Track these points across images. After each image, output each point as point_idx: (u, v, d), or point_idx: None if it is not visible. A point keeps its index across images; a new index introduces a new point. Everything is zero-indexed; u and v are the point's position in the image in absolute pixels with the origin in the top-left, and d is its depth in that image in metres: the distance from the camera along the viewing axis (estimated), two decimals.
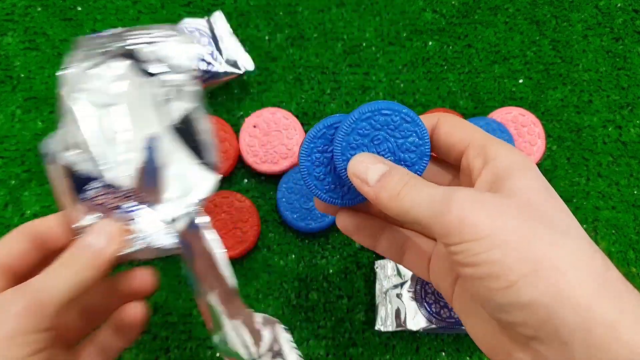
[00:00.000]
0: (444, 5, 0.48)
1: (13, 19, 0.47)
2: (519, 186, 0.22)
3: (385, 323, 0.40)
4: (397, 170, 0.24)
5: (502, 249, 0.19)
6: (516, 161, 0.23)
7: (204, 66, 0.44)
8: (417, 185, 0.23)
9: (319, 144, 0.26)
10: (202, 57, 0.44)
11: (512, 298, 0.19)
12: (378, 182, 0.24)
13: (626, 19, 0.48)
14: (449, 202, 0.21)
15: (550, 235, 0.20)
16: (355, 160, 0.25)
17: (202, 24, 0.45)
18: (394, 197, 0.23)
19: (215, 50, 0.44)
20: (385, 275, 0.41)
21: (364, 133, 0.25)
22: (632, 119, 0.46)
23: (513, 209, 0.21)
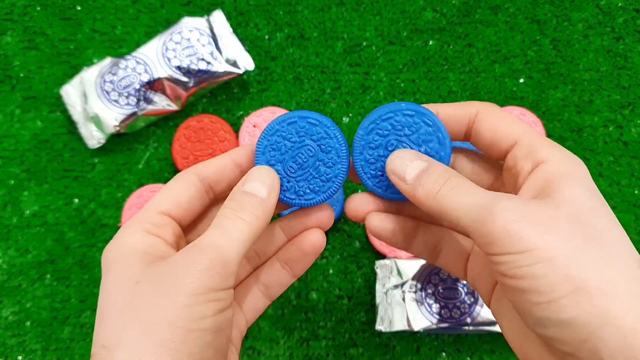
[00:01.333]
0: (445, 4, 0.48)
1: (12, 19, 0.47)
2: (569, 197, 0.20)
3: (386, 323, 0.40)
4: (437, 167, 0.23)
5: (548, 265, 0.19)
6: (568, 167, 0.21)
7: (203, 65, 0.44)
8: (458, 185, 0.22)
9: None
10: (201, 57, 0.44)
11: (552, 314, 0.19)
12: (416, 180, 0.23)
13: (627, 18, 0.48)
14: (494, 210, 0.20)
15: (598, 254, 0.19)
16: (394, 157, 0.24)
17: (202, 24, 0.45)
18: (432, 196, 0.22)
19: (215, 50, 0.44)
20: (385, 275, 0.41)
21: (383, 134, 0.25)
22: (633, 119, 0.46)
23: (562, 223, 0.20)
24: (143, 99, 0.44)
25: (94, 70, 0.44)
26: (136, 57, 0.44)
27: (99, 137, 0.44)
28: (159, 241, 0.23)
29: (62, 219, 0.45)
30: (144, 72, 0.43)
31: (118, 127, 0.43)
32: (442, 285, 0.40)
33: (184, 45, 0.44)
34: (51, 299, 0.44)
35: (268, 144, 0.25)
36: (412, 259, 0.41)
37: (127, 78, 0.43)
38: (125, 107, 0.43)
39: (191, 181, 0.25)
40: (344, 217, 0.45)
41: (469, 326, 0.39)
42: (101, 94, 0.43)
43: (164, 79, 0.43)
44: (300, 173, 0.26)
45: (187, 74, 0.44)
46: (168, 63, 0.43)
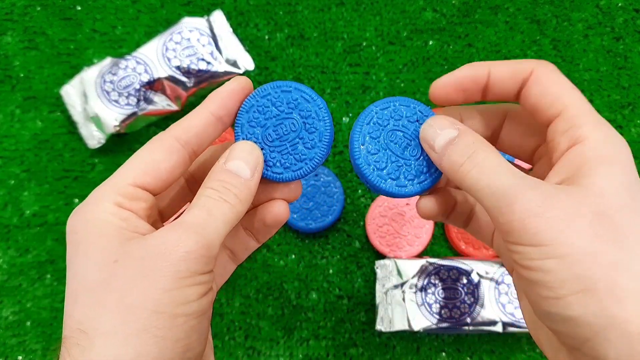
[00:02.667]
0: (445, 4, 0.48)
1: (12, 19, 0.47)
2: (599, 187, 0.19)
3: (386, 323, 0.40)
4: (466, 136, 0.22)
5: (560, 261, 0.19)
6: (607, 151, 0.20)
7: (203, 66, 0.44)
8: (484, 162, 0.21)
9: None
10: (202, 57, 0.44)
11: (558, 310, 0.19)
12: (444, 149, 0.22)
13: (627, 18, 0.48)
14: (515, 199, 0.19)
15: (617, 255, 0.18)
16: (427, 124, 0.23)
17: (202, 24, 0.45)
18: (455, 168, 0.21)
19: (215, 50, 0.44)
20: (385, 275, 0.41)
21: (383, 123, 0.24)
22: (633, 119, 0.46)
23: (584, 218, 0.19)
24: (143, 99, 0.44)
25: (94, 71, 0.44)
26: (136, 57, 0.44)
27: (99, 137, 0.44)
28: (131, 215, 0.22)
29: (62, 218, 0.45)
30: (144, 72, 0.43)
31: (118, 127, 0.43)
32: (442, 285, 0.40)
33: (184, 45, 0.44)
34: (51, 298, 0.44)
35: (255, 104, 0.24)
36: (413, 259, 0.41)
37: (127, 78, 0.43)
38: (125, 107, 0.43)
39: (173, 148, 0.23)
40: (344, 217, 0.45)
41: (468, 326, 0.39)
42: (101, 94, 0.43)
43: (164, 79, 0.43)
44: (277, 144, 0.24)
45: (187, 74, 0.44)
46: (168, 63, 0.44)
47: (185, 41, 0.44)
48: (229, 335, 0.43)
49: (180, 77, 0.44)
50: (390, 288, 0.40)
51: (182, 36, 0.44)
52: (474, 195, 0.21)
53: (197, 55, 0.44)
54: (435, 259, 0.41)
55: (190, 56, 0.44)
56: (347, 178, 0.45)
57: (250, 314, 0.43)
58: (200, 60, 0.44)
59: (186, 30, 0.44)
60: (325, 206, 0.43)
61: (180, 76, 0.44)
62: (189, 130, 0.24)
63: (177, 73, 0.44)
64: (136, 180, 0.22)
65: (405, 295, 0.40)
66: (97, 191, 0.22)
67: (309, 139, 0.24)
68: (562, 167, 0.21)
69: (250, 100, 0.24)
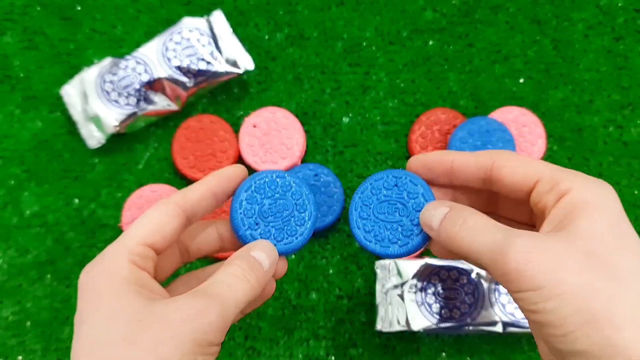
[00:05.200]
0: (445, 4, 0.48)
1: (12, 18, 0.47)
2: (586, 228, 0.21)
3: (386, 323, 0.40)
4: (456, 209, 0.24)
5: (559, 300, 0.20)
6: (591, 195, 0.22)
7: (203, 65, 0.44)
8: (474, 225, 0.23)
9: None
10: (202, 57, 0.44)
11: (567, 346, 0.20)
12: (440, 225, 0.24)
13: (627, 18, 0.48)
14: (508, 249, 0.21)
15: (610, 287, 0.20)
16: (425, 210, 0.26)
17: (202, 24, 0.45)
18: (452, 237, 0.23)
19: (215, 50, 0.44)
20: (385, 276, 0.41)
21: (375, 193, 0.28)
22: (633, 119, 0.46)
23: (575, 257, 0.20)
24: (143, 99, 0.44)
25: (93, 71, 0.44)
26: (136, 57, 0.44)
27: (99, 137, 0.44)
28: (146, 275, 0.24)
29: (62, 219, 0.45)
30: (144, 72, 0.43)
31: (118, 127, 0.43)
32: (442, 286, 0.40)
33: (184, 45, 0.44)
34: (51, 299, 0.44)
35: (253, 185, 0.28)
36: (412, 259, 0.41)
37: (127, 78, 0.43)
38: (125, 107, 0.43)
39: (175, 213, 0.25)
40: (344, 217, 0.45)
41: (468, 326, 0.39)
42: (101, 94, 0.43)
43: (164, 79, 0.43)
44: (272, 220, 0.28)
45: (187, 74, 0.44)
46: (168, 63, 0.43)
47: (185, 41, 0.44)
48: (229, 336, 0.43)
49: (180, 77, 0.43)
50: (390, 288, 0.40)
51: (182, 36, 0.44)
52: (472, 259, 0.23)
53: (197, 55, 0.44)
54: (435, 259, 0.41)
55: (190, 56, 0.43)
56: (347, 178, 0.45)
57: (250, 314, 0.43)
58: (200, 60, 0.44)
59: (186, 30, 0.44)
60: (325, 206, 0.43)
61: (181, 76, 0.43)
62: (189, 199, 0.26)
63: (177, 73, 0.43)
64: (146, 239, 0.24)
65: (405, 295, 0.40)
66: (111, 248, 0.24)
67: (299, 217, 0.28)
68: (552, 218, 0.22)
69: (249, 181, 0.28)
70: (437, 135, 0.44)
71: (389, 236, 0.27)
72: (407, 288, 0.40)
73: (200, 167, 0.44)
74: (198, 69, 0.43)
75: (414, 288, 0.40)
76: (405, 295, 0.40)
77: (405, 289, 0.40)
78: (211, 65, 0.44)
